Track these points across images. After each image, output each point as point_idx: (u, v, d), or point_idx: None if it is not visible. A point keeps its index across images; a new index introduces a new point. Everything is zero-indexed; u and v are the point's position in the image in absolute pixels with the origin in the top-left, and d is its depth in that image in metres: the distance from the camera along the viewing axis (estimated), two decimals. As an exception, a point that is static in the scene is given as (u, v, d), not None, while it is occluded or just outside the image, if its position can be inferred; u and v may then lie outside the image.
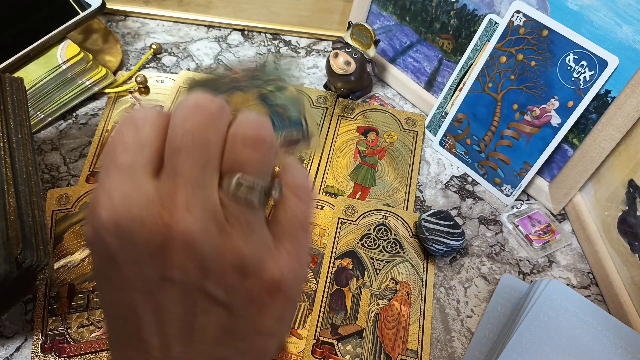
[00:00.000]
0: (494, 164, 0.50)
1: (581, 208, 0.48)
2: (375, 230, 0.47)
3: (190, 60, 0.61)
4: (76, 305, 0.41)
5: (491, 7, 0.48)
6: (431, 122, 0.55)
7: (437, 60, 0.54)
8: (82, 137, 0.53)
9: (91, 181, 0.49)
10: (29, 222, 0.37)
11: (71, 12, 0.54)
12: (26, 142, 0.41)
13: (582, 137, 0.46)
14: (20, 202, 0.37)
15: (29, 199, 0.38)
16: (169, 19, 0.65)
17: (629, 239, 0.43)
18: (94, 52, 0.57)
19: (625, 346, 0.38)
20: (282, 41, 0.64)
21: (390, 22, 0.57)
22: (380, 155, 0.53)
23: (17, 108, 0.41)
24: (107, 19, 0.64)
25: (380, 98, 0.59)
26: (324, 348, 0.40)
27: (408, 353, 0.40)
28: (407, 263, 0.45)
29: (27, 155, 0.40)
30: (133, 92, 0.57)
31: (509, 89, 0.47)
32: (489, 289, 0.45)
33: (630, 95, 0.41)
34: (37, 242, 0.37)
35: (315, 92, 0.58)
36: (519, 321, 0.39)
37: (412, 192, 0.51)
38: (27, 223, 0.36)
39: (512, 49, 0.46)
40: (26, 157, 0.40)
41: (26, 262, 0.34)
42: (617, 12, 0.40)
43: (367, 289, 0.44)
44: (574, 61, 0.43)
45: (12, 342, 0.40)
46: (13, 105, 0.41)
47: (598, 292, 0.45)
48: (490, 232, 0.49)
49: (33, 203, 0.38)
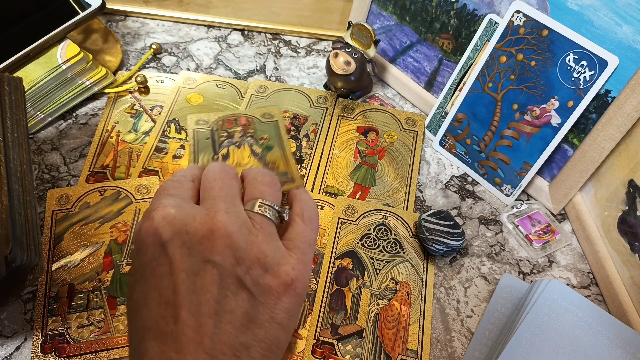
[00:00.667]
0: (494, 164, 0.50)
1: (581, 208, 0.48)
2: (375, 230, 0.47)
3: (190, 60, 0.61)
4: (76, 305, 0.41)
5: (491, 7, 0.48)
6: (431, 122, 0.55)
7: (437, 60, 0.54)
8: (82, 137, 0.53)
9: (91, 181, 0.49)
10: (21, 222, 0.36)
11: (71, 12, 0.54)
12: (22, 141, 0.40)
13: (582, 137, 0.46)
14: (13, 201, 0.36)
15: (22, 198, 0.37)
16: (169, 19, 0.65)
17: (629, 239, 0.43)
18: (94, 52, 0.57)
19: (625, 346, 0.38)
20: (282, 41, 0.64)
21: (390, 22, 0.57)
22: (380, 155, 0.53)
23: (14, 107, 0.41)
24: (107, 19, 0.64)
25: (380, 98, 0.59)
26: (324, 348, 0.40)
27: (408, 353, 0.40)
28: (407, 263, 0.45)
29: (22, 155, 0.40)
30: (133, 92, 0.57)
31: (509, 89, 0.47)
32: (489, 289, 0.45)
33: (630, 95, 0.41)
34: (28, 241, 0.36)
35: (315, 92, 0.58)
36: (519, 321, 0.39)
37: (412, 192, 0.51)
38: (18, 222, 0.36)
39: (512, 48, 0.46)
40: (21, 156, 0.39)
41: (16, 261, 0.34)
42: (617, 12, 0.40)
43: (367, 289, 0.44)
44: (574, 61, 0.43)
45: (11, 341, 0.40)
46: (10, 104, 0.41)
47: (598, 292, 0.45)
48: (490, 232, 0.49)
49: (26, 202, 0.38)
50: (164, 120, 0.54)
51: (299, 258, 0.29)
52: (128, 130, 0.53)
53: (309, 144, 0.53)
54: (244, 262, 0.27)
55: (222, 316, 0.26)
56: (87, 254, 0.44)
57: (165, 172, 0.50)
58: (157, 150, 0.52)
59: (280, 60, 0.62)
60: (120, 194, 0.48)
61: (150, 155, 0.51)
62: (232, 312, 0.27)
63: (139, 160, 0.51)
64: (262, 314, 0.27)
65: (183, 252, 0.27)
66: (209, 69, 0.60)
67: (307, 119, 0.56)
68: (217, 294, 0.26)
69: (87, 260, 0.43)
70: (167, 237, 0.27)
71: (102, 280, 0.43)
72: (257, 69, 0.61)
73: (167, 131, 0.53)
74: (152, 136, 0.53)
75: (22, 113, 0.42)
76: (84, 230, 0.45)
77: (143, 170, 0.50)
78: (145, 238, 0.27)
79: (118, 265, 0.44)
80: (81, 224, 0.45)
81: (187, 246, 0.27)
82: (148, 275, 0.27)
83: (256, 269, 0.27)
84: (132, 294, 0.28)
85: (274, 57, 0.62)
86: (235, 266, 0.27)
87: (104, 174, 0.49)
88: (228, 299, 0.27)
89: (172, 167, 0.51)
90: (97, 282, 0.42)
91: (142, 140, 0.52)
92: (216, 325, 0.26)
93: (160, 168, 0.50)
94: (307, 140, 0.54)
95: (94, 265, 0.43)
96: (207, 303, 0.26)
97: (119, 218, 0.46)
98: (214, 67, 0.61)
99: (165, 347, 0.26)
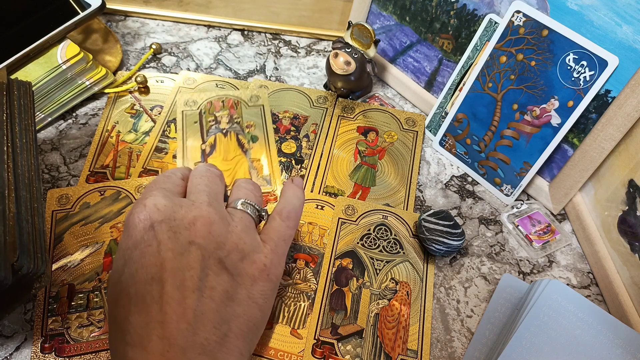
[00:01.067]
0: (494, 164, 0.50)
1: (581, 208, 0.48)
2: (375, 230, 0.47)
3: (190, 60, 0.61)
4: (76, 305, 0.41)
5: (491, 7, 0.48)
6: (431, 122, 0.55)
7: (437, 60, 0.55)
8: (82, 137, 0.53)
9: (91, 181, 0.49)
10: (28, 229, 0.36)
11: (71, 12, 0.54)
12: (30, 146, 0.40)
13: (582, 137, 0.46)
14: (20, 208, 0.36)
15: (29, 204, 0.37)
16: (169, 19, 0.65)
17: (629, 239, 0.43)
18: (94, 52, 0.57)
19: (625, 346, 0.38)
20: (282, 41, 0.64)
21: (390, 22, 0.57)
22: (380, 155, 0.53)
23: (23, 112, 0.41)
24: (107, 19, 0.64)
25: (380, 98, 0.59)
26: (324, 348, 0.40)
27: (408, 353, 0.40)
28: (407, 263, 0.45)
29: (30, 160, 0.39)
30: (133, 92, 0.57)
31: (509, 89, 0.47)
32: (489, 289, 0.45)
33: (630, 95, 0.41)
34: (34, 249, 0.36)
35: (315, 92, 0.58)
36: (519, 321, 0.39)
37: (412, 192, 0.51)
38: (25, 229, 0.35)
39: (512, 48, 0.46)
40: (29, 162, 0.39)
41: (23, 269, 0.33)
42: (617, 12, 0.40)
43: (367, 289, 0.44)
44: (574, 61, 0.43)
45: (11, 341, 0.40)
46: (19, 109, 0.41)
47: (598, 292, 0.45)
48: (490, 232, 0.49)
49: (33, 209, 0.37)
50: (164, 120, 0.54)
51: (272, 249, 0.33)
52: (128, 130, 0.53)
53: (309, 144, 0.53)
54: (224, 246, 0.31)
55: (203, 291, 0.29)
56: (87, 254, 0.44)
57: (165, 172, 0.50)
58: (157, 150, 0.52)
59: (280, 60, 0.62)
60: (120, 194, 0.48)
61: (150, 155, 0.51)
62: (213, 289, 0.29)
63: (139, 160, 0.51)
64: (240, 293, 0.31)
65: (170, 235, 0.29)
66: (209, 69, 0.60)
67: (307, 119, 0.56)
68: (199, 272, 0.29)
69: (87, 260, 0.43)
70: (157, 220, 0.30)
71: (102, 280, 0.43)
72: (257, 69, 0.61)
73: (167, 131, 0.53)
74: (152, 136, 0.53)
75: (31, 118, 0.42)
76: (84, 230, 0.45)
77: (143, 170, 0.50)
78: (137, 222, 0.30)
79: (118, 265, 0.44)
80: (81, 224, 0.45)
81: (174, 230, 0.30)
82: (136, 256, 0.29)
83: (235, 254, 0.31)
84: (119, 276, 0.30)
85: (274, 57, 0.62)
86: (216, 249, 0.30)
87: (104, 174, 0.49)
88: (210, 277, 0.29)
89: (172, 167, 0.51)
90: (97, 282, 0.42)
91: (142, 140, 0.52)
92: (198, 299, 0.28)
93: (160, 168, 0.50)
94: (307, 141, 0.54)
95: (94, 265, 0.43)
96: (191, 279, 0.29)
97: (119, 218, 0.46)
98: (214, 67, 0.61)
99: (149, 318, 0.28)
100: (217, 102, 0.44)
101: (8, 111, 0.39)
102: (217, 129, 0.43)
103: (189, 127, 0.41)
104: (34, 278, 0.36)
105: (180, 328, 0.27)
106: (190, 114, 0.42)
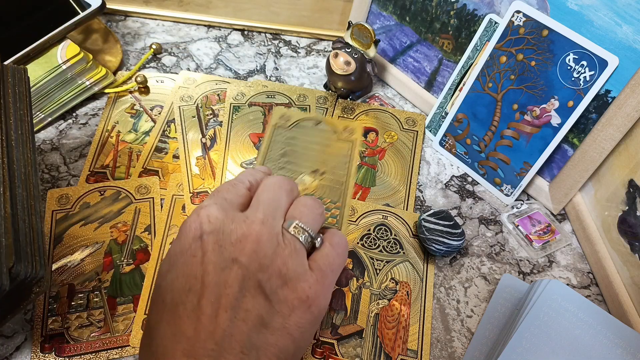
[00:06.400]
0: (494, 164, 0.50)
1: (581, 208, 0.48)
2: (375, 230, 0.47)
3: (190, 60, 0.61)
4: (76, 305, 0.41)
5: (491, 7, 0.48)
6: (431, 122, 0.55)
7: (437, 60, 0.54)
8: (82, 137, 0.53)
9: (91, 181, 0.49)
10: (25, 230, 0.33)
11: (71, 12, 0.54)
12: (27, 139, 0.37)
13: (582, 137, 0.46)
14: (16, 208, 0.33)
15: (26, 203, 0.34)
16: (169, 19, 0.65)
17: (629, 239, 0.43)
18: (94, 52, 0.57)
19: (625, 346, 0.38)
20: (282, 41, 0.64)
21: (390, 22, 0.57)
22: (380, 155, 0.53)
23: (18, 101, 0.37)
24: (107, 19, 0.64)
25: (380, 98, 0.59)
26: (324, 348, 0.40)
27: (408, 353, 0.40)
28: (407, 263, 0.45)
29: (26, 155, 0.36)
30: (133, 92, 0.57)
31: (509, 89, 0.47)
32: (489, 289, 0.45)
33: (630, 95, 0.41)
34: (32, 252, 0.33)
35: (315, 92, 0.58)
36: (519, 321, 0.39)
37: (412, 192, 0.51)
38: (22, 231, 0.33)
39: (512, 49, 0.46)
40: (25, 157, 0.36)
41: (20, 274, 0.31)
42: (617, 12, 0.40)
43: (367, 289, 0.44)
44: (574, 61, 0.43)
45: (11, 341, 0.40)
46: (14, 97, 0.37)
47: (598, 292, 0.45)
48: (490, 232, 0.49)
49: (30, 208, 0.35)
50: (164, 120, 0.54)
51: (318, 279, 0.31)
52: (128, 130, 0.53)
53: (309, 144, 0.53)
54: (267, 269, 0.29)
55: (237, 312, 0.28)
56: (87, 254, 0.44)
57: (165, 172, 0.50)
58: (157, 150, 0.52)
59: (280, 60, 0.62)
60: (120, 194, 0.48)
61: (150, 155, 0.51)
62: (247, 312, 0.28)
63: (139, 160, 0.51)
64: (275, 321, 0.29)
65: (215, 248, 0.29)
66: (209, 69, 0.60)
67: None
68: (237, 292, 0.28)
69: (87, 260, 0.44)
70: (206, 232, 0.29)
71: (102, 280, 0.43)
72: (257, 69, 0.61)
73: (167, 131, 0.53)
74: (152, 136, 0.53)
75: (27, 108, 0.38)
76: (84, 230, 0.45)
77: (143, 170, 0.50)
78: (188, 230, 0.30)
79: (118, 265, 0.44)
80: (81, 224, 0.45)
81: (220, 244, 0.29)
82: (181, 263, 0.29)
83: (276, 279, 0.29)
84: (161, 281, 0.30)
85: (274, 57, 0.62)
86: (258, 271, 0.29)
87: (104, 174, 0.49)
88: (246, 299, 0.28)
89: (172, 167, 0.51)
90: (97, 282, 0.42)
91: (142, 140, 0.52)
92: (231, 320, 0.27)
93: (160, 168, 0.50)
94: (307, 140, 0.54)
95: (94, 265, 0.43)
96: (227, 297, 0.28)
97: (119, 218, 0.46)
98: (214, 67, 0.61)
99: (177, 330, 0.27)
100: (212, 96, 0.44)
101: (2, 101, 0.36)
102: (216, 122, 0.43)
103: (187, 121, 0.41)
104: (33, 282, 0.34)
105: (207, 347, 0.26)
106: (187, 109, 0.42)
